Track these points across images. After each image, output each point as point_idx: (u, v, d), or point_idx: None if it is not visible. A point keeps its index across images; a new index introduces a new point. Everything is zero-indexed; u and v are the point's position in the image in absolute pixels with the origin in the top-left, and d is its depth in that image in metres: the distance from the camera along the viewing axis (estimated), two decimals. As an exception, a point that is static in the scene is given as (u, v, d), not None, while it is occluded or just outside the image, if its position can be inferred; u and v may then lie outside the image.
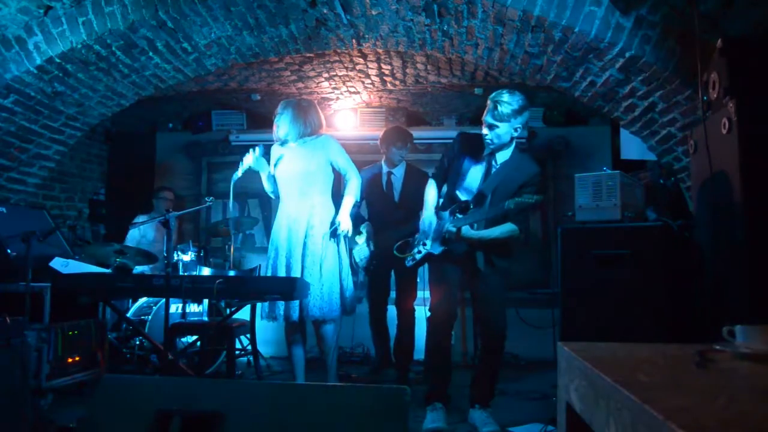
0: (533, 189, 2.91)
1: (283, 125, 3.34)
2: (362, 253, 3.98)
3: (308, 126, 3.34)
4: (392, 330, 4.34)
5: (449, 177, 3.11)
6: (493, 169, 3.01)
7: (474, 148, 3.03)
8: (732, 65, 2.25)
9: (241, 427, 1.36)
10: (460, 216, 2.94)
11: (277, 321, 3.26)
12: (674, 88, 3.15)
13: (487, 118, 2.91)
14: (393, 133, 4.17)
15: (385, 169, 4.22)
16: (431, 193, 3.17)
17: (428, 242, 3.06)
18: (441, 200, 3.15)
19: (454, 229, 2.91)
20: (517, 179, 2.95)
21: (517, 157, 3.02)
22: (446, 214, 3.00)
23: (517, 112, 2.87)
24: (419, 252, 3.10)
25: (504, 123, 2.87)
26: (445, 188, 3.16)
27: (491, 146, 2.94)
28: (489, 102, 2.93)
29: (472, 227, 2.91)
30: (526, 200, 2.75)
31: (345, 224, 3.27)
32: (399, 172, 4.19)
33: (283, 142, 3.42)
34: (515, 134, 2.95)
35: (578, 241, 2.94)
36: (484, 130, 2.93)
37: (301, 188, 3.30)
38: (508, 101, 2.86)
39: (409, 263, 3.18)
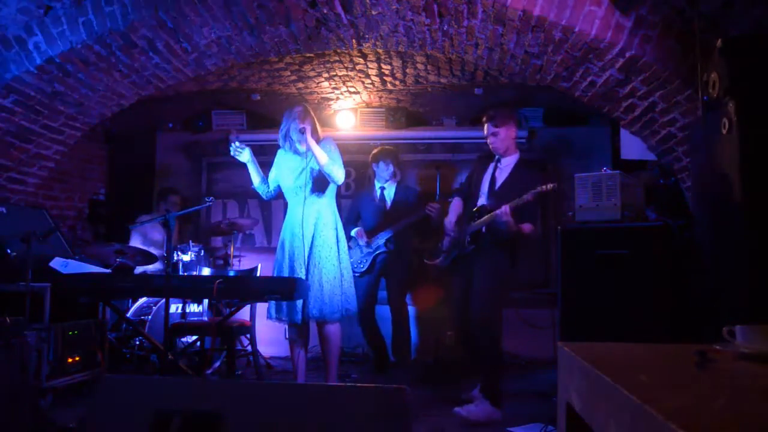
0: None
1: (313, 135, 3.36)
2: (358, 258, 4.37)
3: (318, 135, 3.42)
4: (385, 330, 4.42)
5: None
6: (498, 171, 3.46)
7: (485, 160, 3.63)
8: (732, 65, 2.24)
9: (241, 427, 1.36)
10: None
11: (283, 322, 3.29)
12: (674, 88, 3.14)
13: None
14: (379, 152, 4.64)
15: (377, 186, 4.64)
16: (453, 208, 3.63)
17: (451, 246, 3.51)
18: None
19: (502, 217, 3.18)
20: (519, 184, 3.29)
21: (522, 168, 3.47)
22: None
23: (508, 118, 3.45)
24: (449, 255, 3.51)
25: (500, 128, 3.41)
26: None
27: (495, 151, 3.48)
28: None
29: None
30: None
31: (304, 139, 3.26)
32: (390, 187, 4.63)
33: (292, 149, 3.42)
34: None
35: (578, 241, 2.95)
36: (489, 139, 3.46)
37: (310, 194, 3.34)
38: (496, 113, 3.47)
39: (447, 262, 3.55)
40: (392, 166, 4.55)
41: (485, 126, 3.46)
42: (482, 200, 3.41)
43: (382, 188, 4.60)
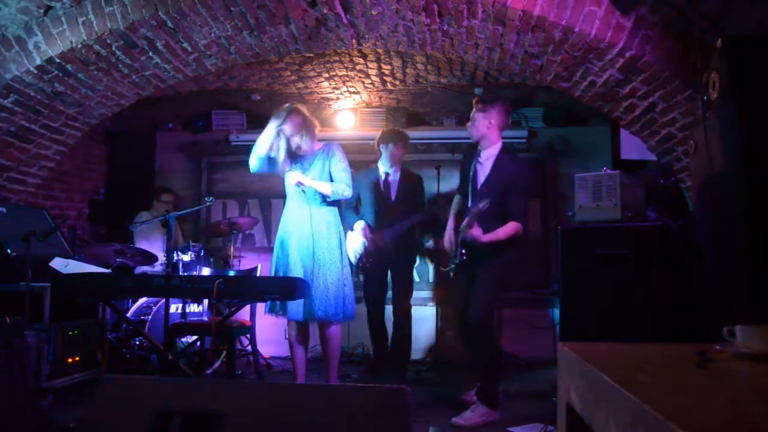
0: (521, 186, 3.22)
1: (304, 137, 3.34)
2: (356, 251, 4.16)
3: (314, 135, 3.40)
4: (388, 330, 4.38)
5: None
6: (479, 167, 3.36)
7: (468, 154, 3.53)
8: (732, 65, 2.24)
9: (241, 427, 1.36)
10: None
11: (279, 316, 3.29)
12: (674, 88, 3.14)
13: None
14: (390, 133, 4.42)
15: (381, 171, 4.38)
16: (452, 220, 3.54)
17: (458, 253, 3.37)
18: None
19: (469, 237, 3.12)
20: (501, 177, 3.23)
21: (503, 158, 3.31)
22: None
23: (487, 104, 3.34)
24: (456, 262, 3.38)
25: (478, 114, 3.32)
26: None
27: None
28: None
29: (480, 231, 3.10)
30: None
31: (296, 178, 3.31)
32: (395, 174, 4.37)
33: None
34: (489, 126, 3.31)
35: (578, 241, 2.95)
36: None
37: (311, 196, 3.34)
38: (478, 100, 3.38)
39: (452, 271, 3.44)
40: (403, 151, 4.36)
41: None
42: (470, 201, 3.35)
43: (387, 174, 4.36)
